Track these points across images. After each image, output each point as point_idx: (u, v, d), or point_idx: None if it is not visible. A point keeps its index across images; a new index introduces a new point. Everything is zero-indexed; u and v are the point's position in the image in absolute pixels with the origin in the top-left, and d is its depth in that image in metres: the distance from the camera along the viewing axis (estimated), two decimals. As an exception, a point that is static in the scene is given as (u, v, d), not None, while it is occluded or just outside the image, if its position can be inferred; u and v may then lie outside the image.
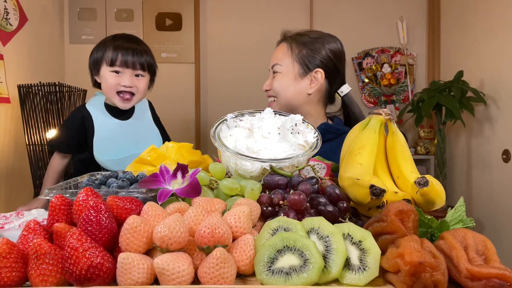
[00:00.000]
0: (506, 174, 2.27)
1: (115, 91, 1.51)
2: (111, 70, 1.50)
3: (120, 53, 1.49)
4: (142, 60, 1.52)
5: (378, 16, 3.11)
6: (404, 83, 3.10)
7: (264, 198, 0.81)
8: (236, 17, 3.12)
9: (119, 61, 1.49)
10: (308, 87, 1.38)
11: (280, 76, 1.39)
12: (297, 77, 1.38)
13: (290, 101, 1.39)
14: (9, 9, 2.17)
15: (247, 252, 0.63)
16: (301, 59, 1.38)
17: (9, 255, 0.61)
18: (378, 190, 0.75)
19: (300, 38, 1.40)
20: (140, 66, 1.52)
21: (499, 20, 2.31)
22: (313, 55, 1.38)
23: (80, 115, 1.53)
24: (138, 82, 1.53)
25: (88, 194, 0.70)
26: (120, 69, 1.50)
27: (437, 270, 0.58)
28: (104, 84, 1.53)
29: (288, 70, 1.38)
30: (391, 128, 0.97)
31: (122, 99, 1.52)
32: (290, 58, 1.39)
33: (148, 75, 1.57)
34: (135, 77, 1.53)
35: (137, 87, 1.53)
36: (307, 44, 1.38)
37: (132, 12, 3.04)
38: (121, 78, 1.50)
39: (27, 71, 2.35)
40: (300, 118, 1.03)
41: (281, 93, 1.39)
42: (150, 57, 1.56)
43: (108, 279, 0.60)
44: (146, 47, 1.59)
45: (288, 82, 1.38)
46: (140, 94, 1.55)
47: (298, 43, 1.39)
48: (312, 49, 1.38)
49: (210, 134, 0.99)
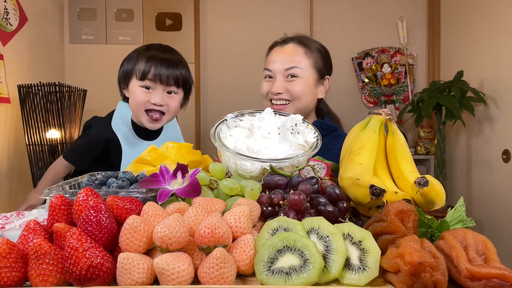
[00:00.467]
0: (506, 174, 2.27)
1: (143, 109, 1.36)
2: (141, 85, 1.35)
3: (154, 65, 1.34)
4: (177, 73, 1.37)
5: (378, 16, 3.11)
6: (404, 83, 3.10)
7: (264, 198, 0.81)
8: (236, 17, 3.12)
9: (152, 74, 1.34)
10: (319, 92, 1.45)
11: (302, 81, 1.38)
12: (315, 83, 1.43)
13: (307, 106, 1.42)
14: (9, 9, 2.17)
15: (247, 252, 0.63)
16: (320, 67, 1.43)
17: (9, 255, 0.61)
18: (378, 190, 0.75)
19: (313, 45, 1.44)
20: (174, 81, 1.37)
21: (499, 20, 2.31)
22: (325, 63, 1.45)
23: (105, 137, 1.40)
24: (170, 100, 1.38)
25: (88, 194, 0.70)
26: (152, 84, 1.35)
27: (437, 270, 0.58)
28: (132, 100, 1.38)
29: (308, 75, 1.40)
30: (391, 128, 0.97)
31: (151, 119, 1.37)
32: (309, 64, 1.40)
33: (181, 92, 1.42)
34: (167, 94, 1.38)
35: (169, 106, 1.38)
36: (320, 52, 1.44)
37: (132, 12, 3.04)
38: (152, 95, 1.35)
39: (27, 71, 2.35)
40: (300, 118, 1.03)
41: (302, 98, 1.39)
42: (185, 70, 1.41)
43: (108, 279, 0.60)
44: (182, 58, 1.45)
45: (309, 88, 1.40)
46: (171, 114, 1.41)
47: (312, 50, 1.42)
48: (326, 58, 1.46)
49: (210, 134, 0.99)
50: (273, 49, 1.47)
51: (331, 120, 1.49)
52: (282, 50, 1.43)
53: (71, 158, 1.51)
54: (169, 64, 1.36)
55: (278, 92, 1.39)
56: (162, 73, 1.34)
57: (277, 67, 1.40)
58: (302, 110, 1.40)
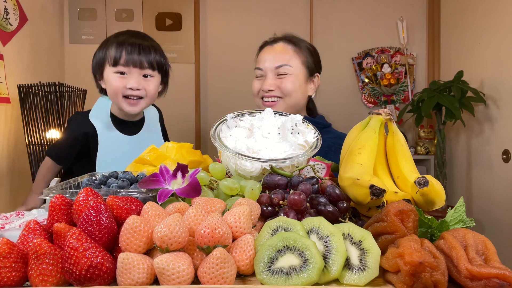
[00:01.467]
0: (506, 174, 2.27)
1: (121, 95, 1.34)
2: (115, 71, 1.33)
3: (125, 50, 1.31)
4: (150, 57, 1.34)
5: (378, 16, 3.11)
6: (404, 83, 3.10)
7: (264, 198, 0.81)
8: (236, 17, 3.12)
9: (124, 59, 1.31)
10: (309, 89, 1.49)
11: (292, 77, 1.42)
12: (306, 80, 1.46)
13: (298, 102, 1.45)
14: (9, 9, 2.17)
15: (247, 252, 0.63)
16: (309, 65, 1.46)
17: (9, 255, 0.61)
18: (378, 190, 0.75)
19: (303, 44, 1.48)
20: (148, 64, 1.34)
21: (499, 20, 2.31)
22: (316, 61, 1.50)
23: (83, 131, 1.38)
24: (147, 83, 1.35)
25: (88, 194, 0.70)
26: (126, 69, 1.33)
27: (437, 270, 0.58)
28: (108, 88, 1.36)
29: (298, 72, 1.43)
30: (391, 128, 0.97)
31: (129, 103, 1.35)
32: (299, 61, 1.44)
33: (158, 75, 1.39)
34: (143, 78, 1.35)
35: (146, 90, 1.35)
36: (312, 52, 1.48)
37: (132, 12, 3.04)
38: (127, 79, 1.33)
39: (27, 71, 2.35)
40: (300, 118, 1.03)
41: (293, 94, 1.43)
42: (160, 55, 1.38)
43: (108, 279, 0.60)
44: (155, 43, 1.41)
45: (299, 84, 1.44)
46: (149, 99, 1.38)
47: (302, 48, 1.46)
48: (315, 56, 1.50)
49: (210, 134, 0.99)
50: (263, 48, 1.50)
51: (323, 117, 1.53)
52: (272, 49, 1.46)
53: (52, 155, 1.48)
54: (141, 48, 1.34)
55: (270, 89, 1.42)
56: (134, 57, 1.32)
57: (268, 65, 1.43)
58: (293, 106, 1.44)
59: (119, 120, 1.43)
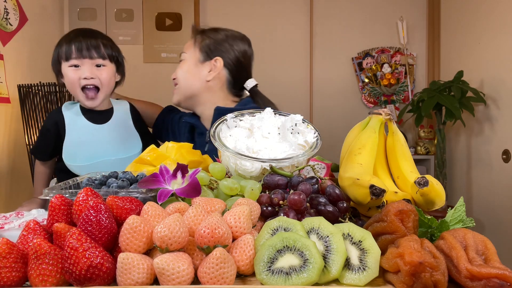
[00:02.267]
0: (506, 174, 2.27)
1: (79, 87, 1.39)
2: (69, 65, 1.38)
3: (74, 44, 1.38)
4: (99, 46, 1.40)
5: (378, 16, 3.11)
6: (404, 83, 3.10)
7: (264, 198, 0.81)
8: (236, 17, 3.11)
9: (74, 52, 1.37)
10: (207, 74, 1.44)
11: (183, 63, 1.46)
12: (197, 63, 1.45)
13: (189, 87, 1.45)
14: (9, 9, 2.17)
15: (247, 252, 0.63)
16: (203, 47, 1.45)
17: (9, 255, 0.61)
18: (378, 190, 0.75)
19: (207, 31, 1.48)
20: (98, 54, 1.39)
21: (499, 20, 2.31)
22: (215, 45, 1.45)
23: (54, 121, 1.43)
24: (100, 72, 1.40)
25: (88, 194, 0.70)
26: (78, 61, 1.38)
27: (437, 270, 0.58)
28: (66, 82, 1.42)
29: (191, 57, 1.45)
30: (391, 128, 0.97)
31: (87, 97, 1.40)
32: (193, 46, 1.46)
33: (112, 65, 1.43)
34: (96, 67, 1.40)
35: (100, 78, 1.40)
36: (210, 35, 1.47)
37: (132, 12, 3.04)
38: (81, 71, 1.38)
39: (27, 71, 2.35)
40: (300, 118, 1.03)
41: (182, 79, 1.45)
42: (110, 48, 1.43)
43: (108, 279, 0.60)
44: (105, 39, 1.45)
45: (189, 68, 1.45)
46: (105, 88, 1.42)
47: (203, 34, 1.47)
48: (215, 40, 1.46)
49: (210, 134, 0.99)
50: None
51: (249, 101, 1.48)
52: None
53: (33, 151, 1.55)
54: (89, 39, 1.40)
55: (172, 78, 1.50)
56: (83, 47, 1.38)
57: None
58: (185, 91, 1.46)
59: (89, 111, 1.47)
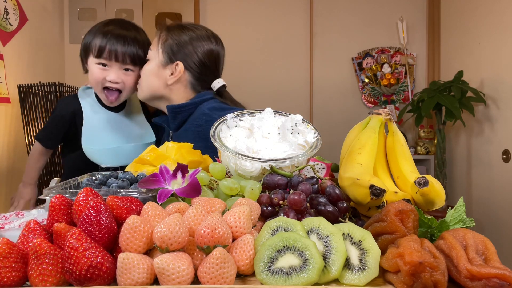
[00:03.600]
0: (506, 174, 2.27)
1: (101, 86, 1.40)
2: (97, 62, 1.38)
3: (109, 42, 1.36)
4: (133, 51, 1.39)
5: (378, 16, 3.11)
6: (404, 83, 3.11)
7: (264, 198, 0.81)
8: (236, 17, 3.12)
9: (107, 52, 1.36)
10: (168, 77, 1.39)
11: (148, 62, 1.41)
12: (159, 65, 1.39)
13: (151, 87, 1.41)
14: (9, 9, 2.17)
15: (247, 252, 0.63)
16: (166, 47, 1.39)
17: (9, 255, 0.61)
18: (378, 190, 0.75)
19: (172, 29, 1.41)
20: (130, 59, 1.38)
21: (499, 20, 2.31)
22: (178, 47, 1.38)
23: (71, 110, 1.44)
24: (127, 77, 1.40)
25: (88, 194, 0.70)
26: (107, 62, 1.37)
27: (437, 270, 0.58)
28: (90, 77, 1.42)
29: (155, 57, 1.40)
30: (391, 128, 0.97)
31: (107, 97, 1.42)
32: (157, 45, 1.40)
33: (138, 69, 1.43)
34: (124, 71, 1.40)
35: (125, 83, 1.40)
36: (174, 35, 1.39)
37: (132, 12, 3.04)
38: (108, 72, 1.38)
39: (27, 71, 2.35)
40: (300, 118, 1.03)
41: (144, 80, 1.41)
42: (142, 49, 1.42)
43: (108, 279, 0.60)
44: (140, 35, 1.44)
45: (152, 69, 1.40)
46: (127, 92, 1.43)
47: (168, 32, 1.40)
48: (178, 41, 1.38)
49: (210, 134, 0.99)
50: None
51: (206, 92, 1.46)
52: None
53: (40, 138, 1.52)
54: (125, 41, 1.38)
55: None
56: (117, 50, 1.36)
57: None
58: (147, 91, 1.41)
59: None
